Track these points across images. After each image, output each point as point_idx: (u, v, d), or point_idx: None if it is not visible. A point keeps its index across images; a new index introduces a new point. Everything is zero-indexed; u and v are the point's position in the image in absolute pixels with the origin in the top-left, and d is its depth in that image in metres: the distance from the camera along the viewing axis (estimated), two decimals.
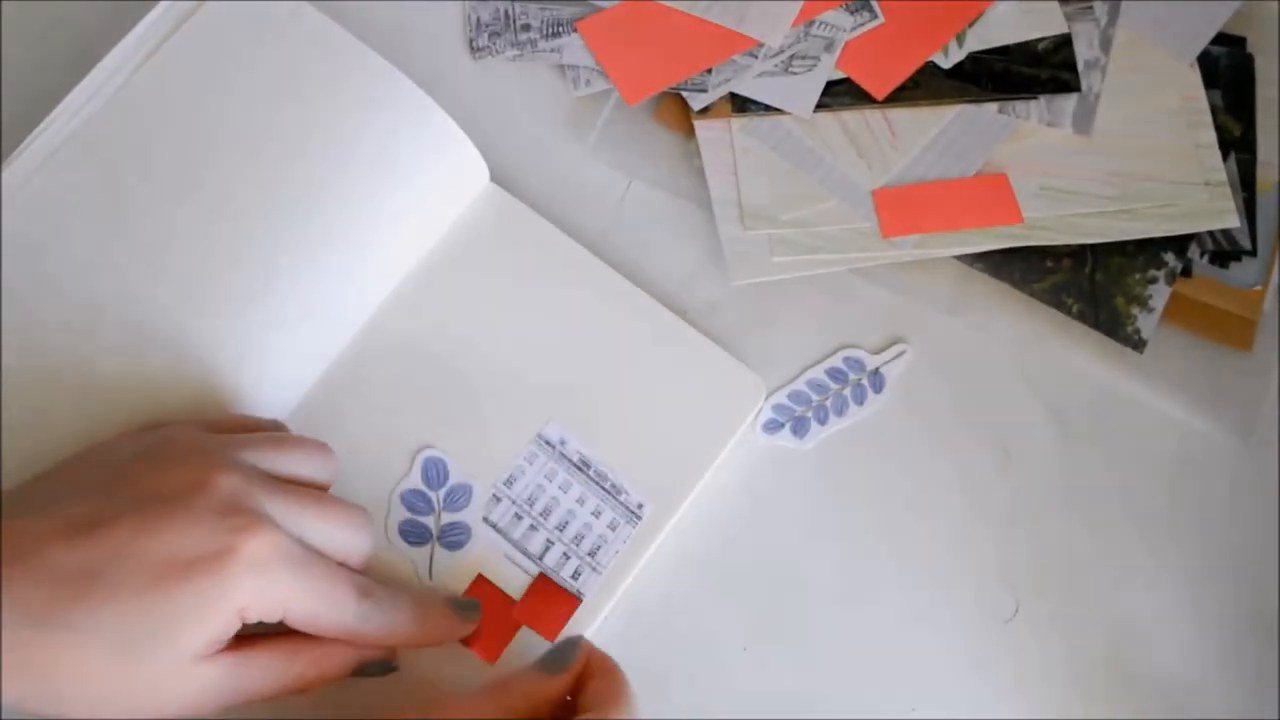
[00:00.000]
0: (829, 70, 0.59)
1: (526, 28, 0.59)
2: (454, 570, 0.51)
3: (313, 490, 0.46)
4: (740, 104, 0.58)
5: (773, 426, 0.55)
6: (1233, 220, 0.57)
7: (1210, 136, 0.59)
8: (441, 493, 0.52)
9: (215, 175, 0.51)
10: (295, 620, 0.43)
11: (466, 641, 0.50)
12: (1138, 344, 0.56)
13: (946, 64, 0.59)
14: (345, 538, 0.45)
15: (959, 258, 0.58)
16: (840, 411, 0.56)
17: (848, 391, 0.56)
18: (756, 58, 0.59)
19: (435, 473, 0.52)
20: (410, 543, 0.51)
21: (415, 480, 0.52)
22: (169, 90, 0.52)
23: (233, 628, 0.42)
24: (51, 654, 0.39)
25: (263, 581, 0.41)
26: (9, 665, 0.38)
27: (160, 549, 0.40)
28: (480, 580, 0.51)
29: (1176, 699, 0.53)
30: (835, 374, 0.56)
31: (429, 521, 0.52)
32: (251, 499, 0.42)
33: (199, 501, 0.41)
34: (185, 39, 0.53)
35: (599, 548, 0.52)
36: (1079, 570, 0.54)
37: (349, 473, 0.50)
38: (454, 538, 0.52)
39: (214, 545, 0.40)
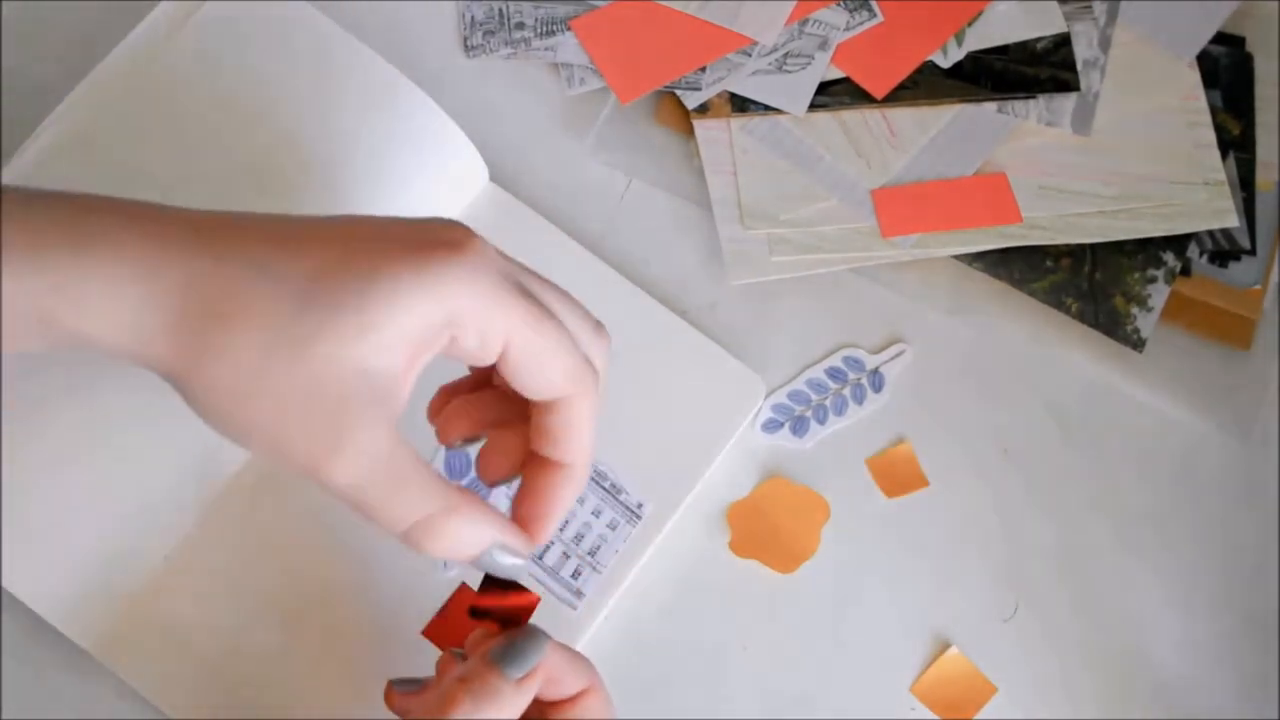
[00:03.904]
0: (823, 68, 0.59)
1: (521, 26, 0.59)
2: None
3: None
4: (740, 104, 0.58)
5: (772, 426, 0.55)
6: (1232, 220, 0.57)
7: (1209, 136, 0.59)
8: (463, 484, 0.52)
9: (215, 175, 0.51)
10: (515, 361, 0.38)
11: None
12: (1137, 343, 0.57)
13: (945, 63, 0.59)
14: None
15: (958, 257, 0.58)
16: (840, 411, 0.56)
17: (847, 391, 0.56)
18: (750, 56, 0.59)
19: (457, 464, 0.52)
20: None
21: (438, 469, 0.52)
22: (168, 91, 0.52)
23: (437, 338, 0.37)
24: (230, 289, 0.35)
25: (488, 291, 0.37)
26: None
27: (393, 228, 0.37)
28: (463, 589, 0.51)
29: (1176, 698, 0.53)
30: (835, 373, 0.56)
31: None
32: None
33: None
34: (185, 39, 0.53)
35: (599, 547, 0.52)
36: (1078, 569, 0.54)
37: None
38: None
39: (449, 235, 0.37)
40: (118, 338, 0.36)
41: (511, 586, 0.42)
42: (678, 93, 0.58)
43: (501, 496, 0.52)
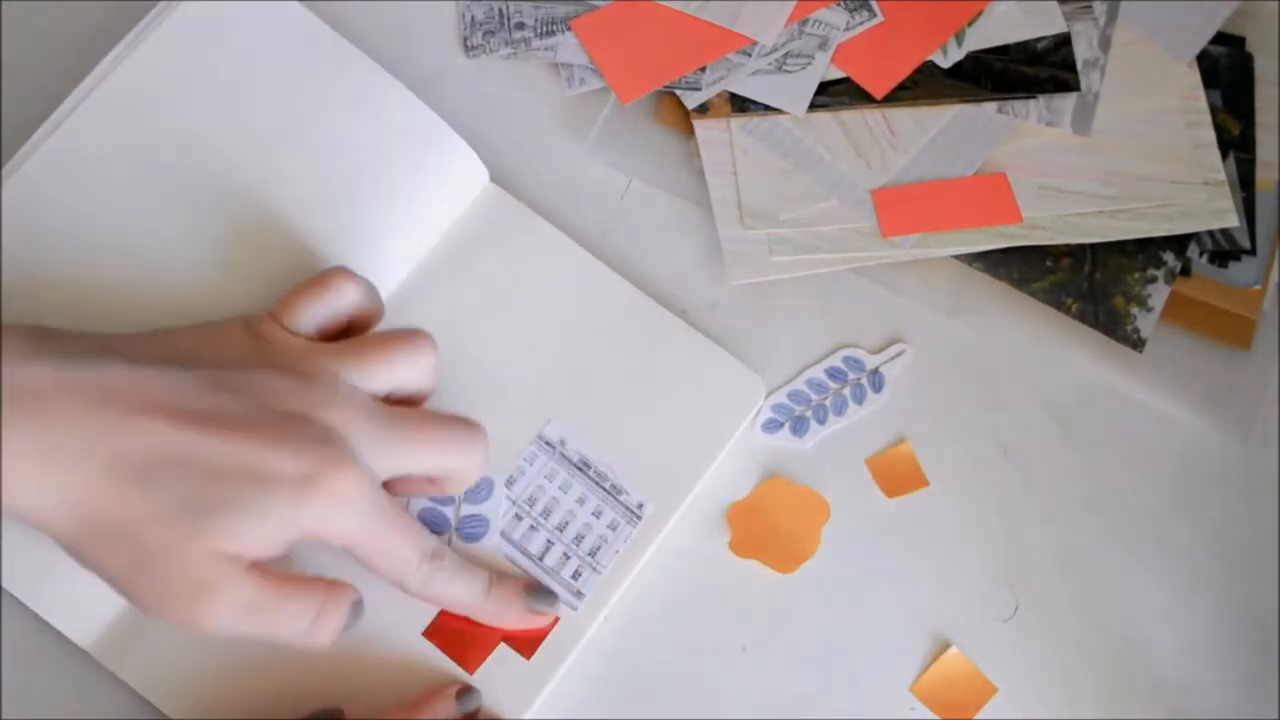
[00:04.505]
0: (823, 69, 0.59)
1: (521, 26, 0.59)
2: (471, 563, 0.51)
3: (412, 417, 0.47)
4: (740, 104, 0.58)
5: (772, 426, 0.55)
6: (1232, 220, 0.57)
7: (1209, 136, 0.59)
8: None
9: (210, 178, 0.51)
10: (358, 558, 0.46)
11: (449, 652, 0.50)
12: (1137, 343, 0.57)
13: (945, 63, 0.59)
14: (444, 462, 0.48)
15: (958, 257, 0.58)
16: (840, 411, 0.56)
17: (847, 391, 0.56)
18: (750, 56, 0.59)
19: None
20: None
21: None
22: (153, 90, 0.52)
23: (289, 540, 0.44)
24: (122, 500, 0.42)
25: (334, 514, 0.44)
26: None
27: (259, 460, 0.43)
28: None
29: (1175, 698, 0.53)
30: (835, 373, 0.56)
31: (449, 511, 0.52)
32: (349, 433, 0.45)
33: (303, 430, 0.44)
34: (163, 38, 0.52)
35: (599, 548, 0.52)
36: (1078, 569, 0.54)
37: None
38: (472, 529, 0.52)
39: (303, 470, 0.43)
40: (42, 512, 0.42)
41: None
42: (678, 93, 0.58)
43: (503, 499, 0.52)
